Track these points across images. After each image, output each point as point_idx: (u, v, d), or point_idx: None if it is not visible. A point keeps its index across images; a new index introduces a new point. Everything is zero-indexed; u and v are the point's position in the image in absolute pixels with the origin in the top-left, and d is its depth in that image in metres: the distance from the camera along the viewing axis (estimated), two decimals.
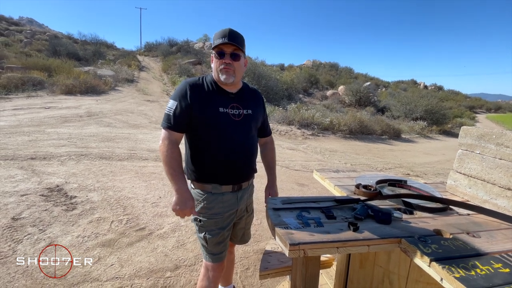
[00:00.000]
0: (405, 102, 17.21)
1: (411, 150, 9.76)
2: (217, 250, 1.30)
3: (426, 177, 5.63)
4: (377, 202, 1.28)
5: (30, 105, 8.58)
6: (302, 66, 28.90)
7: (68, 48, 18.06)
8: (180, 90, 1.22)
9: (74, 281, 1.73)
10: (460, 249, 0.91)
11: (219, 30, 1.21)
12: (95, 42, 23.78)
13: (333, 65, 30.85)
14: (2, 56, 13.69)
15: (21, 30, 21.61)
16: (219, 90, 1.26)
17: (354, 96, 18.24)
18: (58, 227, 2.31)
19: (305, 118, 10.32)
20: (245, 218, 1.44)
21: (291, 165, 5.27)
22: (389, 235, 0.98)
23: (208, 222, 1.27)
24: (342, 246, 0.93)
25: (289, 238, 0.91)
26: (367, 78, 28.98)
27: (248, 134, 1.31)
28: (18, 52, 15.44)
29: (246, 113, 1.29)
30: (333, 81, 23.77)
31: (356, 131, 10.75)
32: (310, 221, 1.05)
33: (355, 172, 1.91)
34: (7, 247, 1.96)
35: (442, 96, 23.58)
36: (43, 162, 3.80)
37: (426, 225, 1.09)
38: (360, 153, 7.97)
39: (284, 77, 18.43)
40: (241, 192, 1.33)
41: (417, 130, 13.73)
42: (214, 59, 1.23)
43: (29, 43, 18.66)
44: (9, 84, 10.34)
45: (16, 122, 6.21)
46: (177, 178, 1.17)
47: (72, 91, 11.10)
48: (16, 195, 2.75)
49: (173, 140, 1.20)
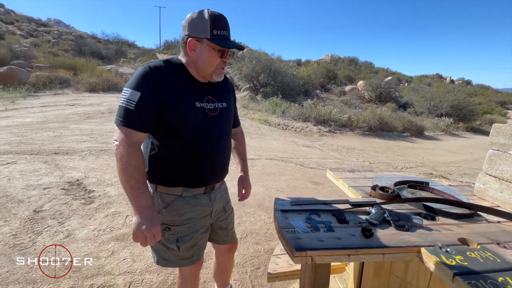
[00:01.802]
0: (429, 98, 16.36)
1: (435, 148, 9.27)
2: (190, 254, 1.14)
3: (451, 177, 5.31)
4: (394, 205, 1.19)
5: (57, 102, 9.03)
6: (320, 61, 28.27)
7: (92, 48, 18.89)
8: (143, 76, 0.96)
9: (88, 273, 1.78)
10: (489, 262, 0.81)
11: (213, 14, 0.99)
12: (117, 41, 24.61)
13: (352, 60, 29.93)
14: (32, 56, 14.51)
15: (49, 31, 22.75)
16: (192, 80, 1.07)
17: (374, 92, 17.59)
18: (76, 220, 2.39)
19: (321, 115, 10.08)
20: (225, 218, 1.30)
21: (306, 162, 5.16)
22: (407, 243, 0.90)
23: (180, 229, 1.10)
24: (354, 254, 0.86)
25: (295, 243, 0.86)
26: (388, 73, 27.85)
27: (225, 131, 1.16)
28: (46, 52, 16.31)
29: (221, 106, 1.14)
30: (352, 76, 23.07)
31: (375, 128, 10.36)
32: (319, 225, 0.99)
33: (371, 172, 1.81)
34: (27, 238, 2.05)
35: (470, 91, 22.13)
36: (66, 157, 3.96)
37: (450, 233, 0.99)
38: (379, 151, 7.67)
39: (300, 72, 18.11)
40: (213, 192, 1.19)
41: (442, 127, 13.02)
42: (210, 54, 1.02)
43: (57, 43, 19.63)
44: (38, 83, 10.96)
45: (43, 118, 6.55)
46: (139, 191, 0.95)
47: (95, 89, 11.57)
48: (39, 188, 2.89)
49: (134, 142, 0.95)
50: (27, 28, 21.46)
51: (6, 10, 23.57)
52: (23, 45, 16.41)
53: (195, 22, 1.01)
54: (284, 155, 5.58)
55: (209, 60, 1.03)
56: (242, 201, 1.39)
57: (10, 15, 22.78)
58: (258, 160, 4.87)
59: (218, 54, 1.03)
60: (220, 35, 1.00)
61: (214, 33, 0.99)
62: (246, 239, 2.38)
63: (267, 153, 5.51)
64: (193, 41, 1.01)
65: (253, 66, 14.63)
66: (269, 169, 4.46)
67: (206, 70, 1.05)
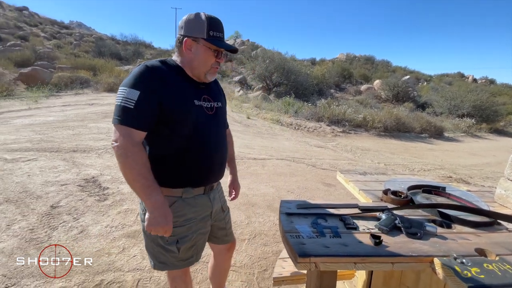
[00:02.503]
0: (449, 97, 15.72)
1: (455, 150, 8.88)
2: (188, 255, 1.13)
3: (472, 180, 5.06)
4: (407, 211, 1.13)
5: (77, 101, 9.40)
6: (335, 60, 27.80)
7: (111, 49, 19.54)
8: (141, 75, 0.96)
9: (99, 269, 1.82)
10: (508, 275, 0.75)
11: (210, 17, 1.03)
12: (134, 42, 25.30)
13: (369, 58, 29.24)
14: (54, 57, 15.18)
15: (71, 33, 23.73)
16: (188, 79, 1.08)
17: (391, 91, 17.12)
18: (90, 216, 2.47)
19: (335, 114, 9.92)
20: (223, 218, 1.31)
21: (318, 163, 5.08)
22: (419, 253, 0.85)
23: (180, 230, 1.09)
24: (361, 262, 0.82)
25: (299, 248, 0.83)
26: (406, 72, 27.00)
27: (222, 129, 1.19)
28: (68, 54, 17.02)
29: (217, 106, 1.16)
30: (368, 75, 22.55)
31: (392, 128, 10.07)
32: (326, 230, 0.96)
33: (384, 175, 1.74)
34: (43, 233, 2.13)
35: (494, 91, 21.02)
36: (83, 154, 4.10)
37: (466, 242, 0.93)
38: (395, 152, 7.44)
39: (314, 71, 17.88)
40: (212, 192, 1.20)
41: (463, 128, 12.47)
42: (205, 53, 1.04)
43: (78, 45, 20.44)
44: (60, 83, 11.46)
45: (63, 117, 6.83)
46: (151, 188, 0.95)
47: (113, 89, 11.95)
48: (57, 184, 3.00)
49: (137, 141, 0.95)
50: (51, 30, 22.47)
51: (30, 13, 24.80)
52: (47, 46, 17.20)
53: (192, 23, 1.03)
54: (295, 155, 5.52)
55: (205, 59, 1.05)
56: (233, 200, 1.43)
57: (34, 18, 23.95)
58: (269, 160, 4.84)
59: (213, 54, 1.06)
60: (216, 36, 1.04)
61: (210, 33, 1.02)
62: (255, 240, 2.37)
63: (278, 153, 5.47)
64: (190, 40, 1.03)
65: (266, 66, 14.61)
66: (280, 169, 4.42)
67: (200, 69, 1.07)
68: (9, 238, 2.03)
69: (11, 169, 3.28)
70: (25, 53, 13.73)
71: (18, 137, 4.70)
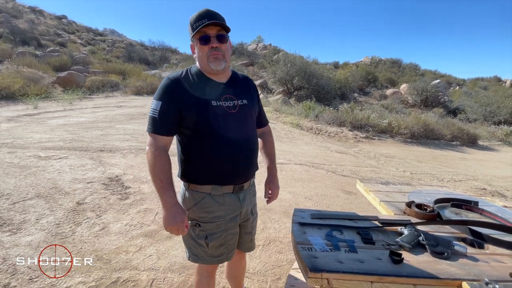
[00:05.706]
0: (484, 103, 14.63)
1: (490, 160, 8.21)
2: (218, 253, 1.19)
3: (509, 194, 4.63)
4: (433, 227, 1.04)
5: (107, 104, 9.94)
6: (359, 63, 27.03)
7: (140, 54, 20.58)
8: (163, 88, 1.08)
9: (116, 266, 1.88)
10: None
11: (194, 14, 1.07)
12: (162, 47, 26.38)
13: (395, 62, 28.09)
14: (89, 62, 16.22)
15: (104, 40, 25.27)
16: (208, 81, 1.13)
17: (419, 96, 16.27)
18: (112, 214, 2.56)
19: (358, 119, 9.57)
20: (251, 221, 1.31)
21: (338, 170, 4.92)
22: (445, 275, 0.77)
23: (209, 226, 1.15)
24: (378, 281, 0.76)
25: (310, 262, 0.79)
26: (436, 75, 25.60)
27: (247, 127, 1.18)
28: (101, 59, 18.12)
29: (241, 103, 1.16)
30: (394, 79, 21.64)
31: (419, 135, 9.53)
32: (341, 243, 0.90)
33: (409, 186, 1.63)
34: (68, 228, 2.24)
35: None
36: (109, 154, 4.31)
37: (500, 265, 0.83)
38: (423, 160, 7.03)
39: (337, 75, 17.50)
40: (242, 193, 1.21)
41: (499, 136, 11.51)
42: (198, 47, 1.09)
43: (110, 50, 21.71)
44: (92, 86, 12.20)
45: (93, 118, 7.24)
46: (163, 189, 1.04)
47: (140, 92, 12.53)
48: (83, 182, 3.17)
49: (160, 146, 1.07)
50: (86, 37, 24.08)
51: (69, 21, 26.74)
52: (82, 52, 18.44)
53: (188, 29, 1.10)
54: (315, 160, 5.40)
55: (200, 52, 1.09)
56: (270, 202, 1.39)
57: (72, 26, 25.79)
58: (287, 165, 4.78)
59: (204, 43, 1.07)
60: (199, 25, 1.04)
61: (194, 26, 1.06)
62: (269, 246, 2.32)
63: (297, 158, 5.38)
64: (192, 45, 1.13)
65: (288, 70, 14.53)
66: (298, 174, 4.34)
67: (204, 64, 1.11)
68: (37, 232, 2.16)
69: (44, 166, 3.52)
70: (62, 58, 14.81)
71: (52, 136, 5.05)
